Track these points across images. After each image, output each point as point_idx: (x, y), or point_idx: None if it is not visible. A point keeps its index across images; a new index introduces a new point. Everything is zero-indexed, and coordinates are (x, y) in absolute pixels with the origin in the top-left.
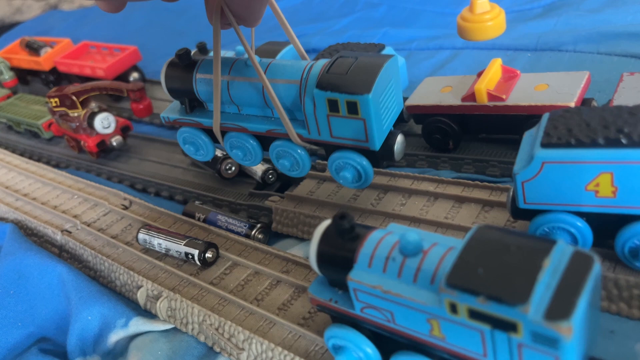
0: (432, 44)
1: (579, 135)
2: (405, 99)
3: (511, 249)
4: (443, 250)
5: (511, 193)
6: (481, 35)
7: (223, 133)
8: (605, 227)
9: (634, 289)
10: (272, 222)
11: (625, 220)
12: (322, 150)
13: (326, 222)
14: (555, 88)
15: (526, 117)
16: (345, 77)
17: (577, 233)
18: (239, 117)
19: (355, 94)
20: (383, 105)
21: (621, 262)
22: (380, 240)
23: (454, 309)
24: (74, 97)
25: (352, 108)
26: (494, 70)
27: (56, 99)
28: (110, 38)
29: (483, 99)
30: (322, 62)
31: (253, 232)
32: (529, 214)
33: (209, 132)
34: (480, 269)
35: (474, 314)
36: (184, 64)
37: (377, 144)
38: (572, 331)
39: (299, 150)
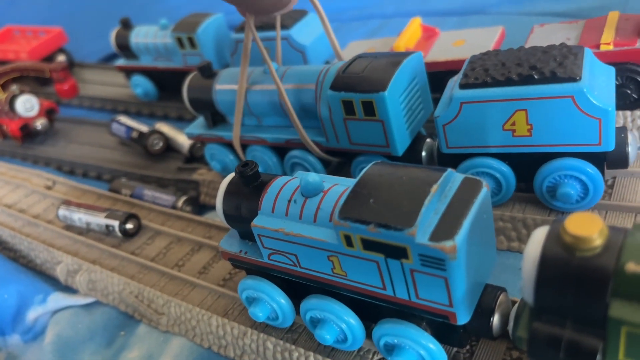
0: (363, 13)
1: (495, 74)
2: None
3: (403, 180)
4: (342, 189)
5: (436, 144)
6: None
7: (245, 146)
8: (526, 168)
9: None
10: (200, 194)
11: (542, 159)
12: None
13: (231, 175)
14: (471, 43)
15: (445, 73)
16: (361, 77)
17: (501, 177)
18: (258, 129)
19: (370, 92)
20: (405, 106)
21: (531, 202)
22: (284, 185)
23: (349, 241)
24: None
25: (369, 109)
26: (413, 29)
27: None
28: (38, 22)
29: None
30: (340, 64)
31: (179, 205)
32: (454, 160)
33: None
34: (371, 199)
35: (367, 244)
36: (205, 77)
37: (399, 148)
38: (456, 250)
39: (310, 158)
